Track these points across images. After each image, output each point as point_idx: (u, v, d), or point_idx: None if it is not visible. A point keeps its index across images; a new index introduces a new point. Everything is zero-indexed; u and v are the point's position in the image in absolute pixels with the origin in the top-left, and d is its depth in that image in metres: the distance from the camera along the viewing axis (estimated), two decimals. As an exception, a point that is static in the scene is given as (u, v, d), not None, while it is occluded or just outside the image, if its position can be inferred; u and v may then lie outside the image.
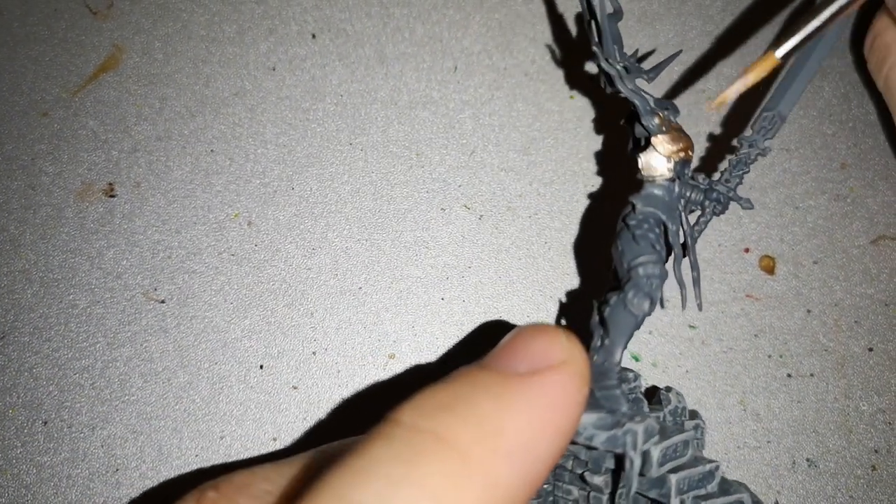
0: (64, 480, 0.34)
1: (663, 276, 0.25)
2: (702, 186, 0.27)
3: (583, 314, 0.35)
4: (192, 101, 0.38)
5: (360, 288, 0.36)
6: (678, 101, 0.38)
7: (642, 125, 0.26)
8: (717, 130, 0.37)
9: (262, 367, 0.35)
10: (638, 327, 0.25)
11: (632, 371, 0.28)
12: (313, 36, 0.39)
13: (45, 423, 0.34)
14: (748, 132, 0.27)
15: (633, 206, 0.26)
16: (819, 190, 0.37)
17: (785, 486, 0.34)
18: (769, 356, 0.35)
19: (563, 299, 0.36)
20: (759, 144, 0.27)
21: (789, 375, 0.35)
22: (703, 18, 0.39)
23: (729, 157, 0.28)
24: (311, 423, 0.35)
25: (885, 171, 0.37)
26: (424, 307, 0.35)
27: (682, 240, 0.27)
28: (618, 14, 0.29)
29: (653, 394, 0.29)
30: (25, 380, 0.35)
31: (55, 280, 0.36)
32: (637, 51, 0.29)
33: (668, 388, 0.29)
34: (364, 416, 0.35)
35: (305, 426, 0.34)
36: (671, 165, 0.26)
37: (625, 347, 0.25)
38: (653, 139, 0.26)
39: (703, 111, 0.38)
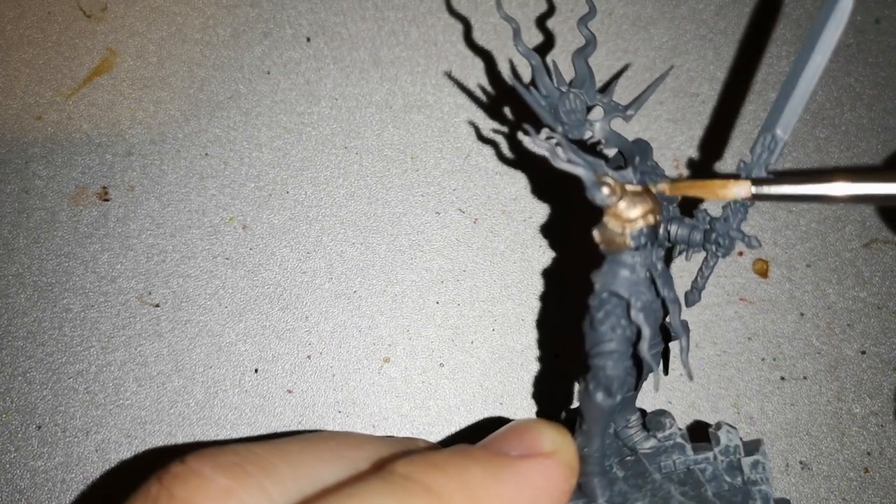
0: (58, 485, 0.34)
1: (620, 368, 0.24)
2: (701, 226, 0.24)
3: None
4: (187, 104, 0.38)
5: (355, 291, 0.36)
6: (672, 105, 0.38)
7: (588, 199, 0.23)
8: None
9: (256, 371, 0.35)
10: (612, 414, 0.24)
11: (668, 416, 0.27)
12: (308, 39, 0.38)
13: (39, 427, 0.34)
14: (748, 157, 0.24)
15: (593, 286, 0.24)
16: (812, 193, 0.37)
17: (778, 489, 0.34)
18: (763, 359, 0.35)
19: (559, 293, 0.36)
20: (759, 172, 0.24)
21: (783, 378, 0.35)
22: (697, 22, 0.39)
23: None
24: (306, 427, 0.35)
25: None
26: (419, 311, 0.35)
27: (665, 298, 0.24)
28: (589, 46, 0.26)
29: (703, 431, 0.28)
30: (19, 384, 0.35)
31: (49, 284, 0.36)
32: (610, 83, 0.27)
33: (718, 426, 0.27)
34: (359, 420, 0.35)
35: (300, 430, 0.34)
36: (630, 237, 0.23)
37: (603, 435, 0.25)
38: (605, 212, 0.23)
39: (696, 115, 0.38)
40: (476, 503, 0.20)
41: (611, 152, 0.27)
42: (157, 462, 0.31)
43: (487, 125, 0.38)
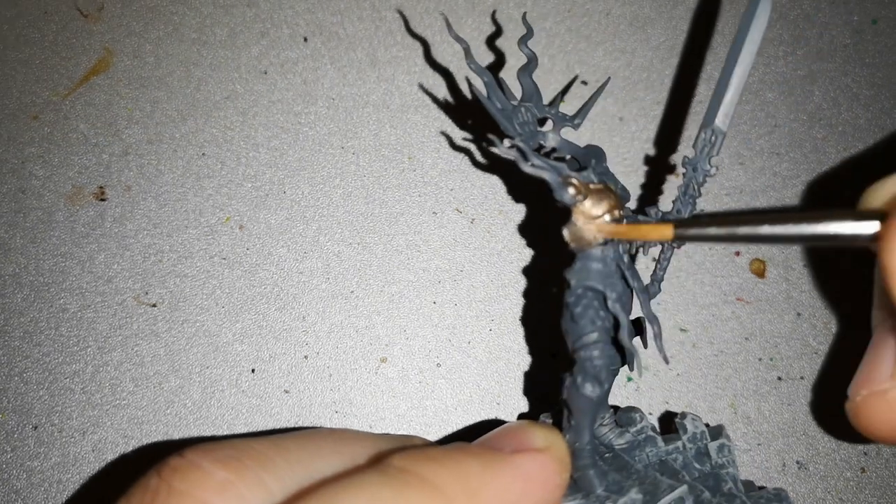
0: (54, 485, 0.34)
1: (605, 356, 0.25)
2: (654, 221, 0.26)
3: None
4: (184, 104, 0.38)
5: (352, 291, 0.36)
6: (669, 105, 0.38)
7: (555, 200, 0.24)
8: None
9: (253, 371, 0.35)
10: (599, 406, 0.25)
11: (637, 411, 0.29)
12: (305, 39, 0.38)
13: (36, 427, 0.34)
14: (691, 153, 0.26)
15: (568, 283, 0.25)
16: (810, 193, 0.37)
17: (775, 489, 0.34)
18: (760, 359, 0.35)
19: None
20: (703, 165, 0.26)
21: (780, 378, 0.35)
22: (694, 22, 0.39)
23: (677, 183, 0.27)
24: (303, 427, 0.34)
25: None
26: (416, 311, 0.35)
27: (633, 293, 0.26)
28: (531, 63, 0.28)
29: (671, 422, 0.29)
30: (16, 384, 0.35)
31: (46, 284, 0.36)
32: (557, 97, 0.29)
33: (684, 415, 0.29)
34: (356, 420, 0.35)
35: (297, 429, 0.34)
36: (598, 231, 0.24)
37: (591, 428, 0.25)
38: (572, 211, 0.24)
39: (693, 115, 0.38)
40: (472, 494, 0.20)
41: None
42: (154, 462, 0.31)
43: (485, 125, 0.38)
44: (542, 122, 0.28)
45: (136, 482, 0.21)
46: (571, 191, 0.24)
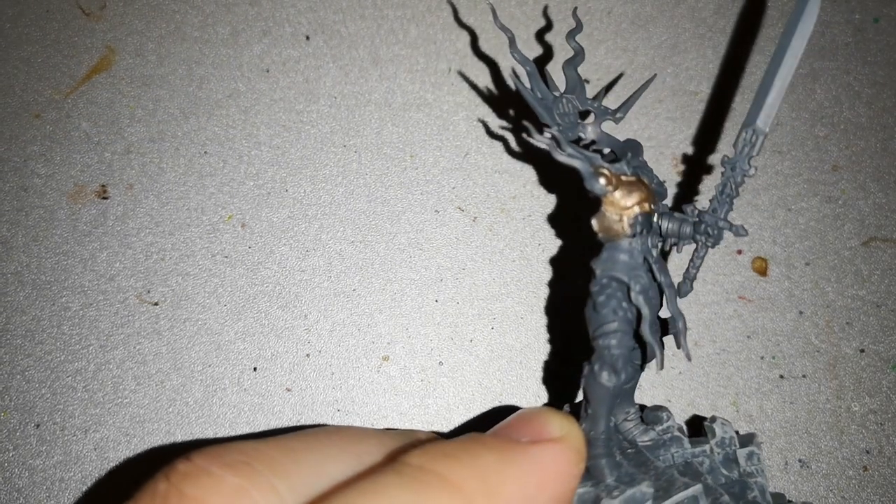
0: (56, 484, 0.34)
1: (624, 346, 0.25)
2: (690, 219, 0.25)
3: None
4: (186, 102, 0.38)
5: (354, 290, 0.36)
6: (671, 103, 0.38)
7: (586, 190, 0.24)
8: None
9: (255, 369, 0.35)
10: (616, 396, 0.25)
11: (665, 410, 0.28)
12: (307, 38, 0.38)
13: (38, 425, 0.34)
14: (731, 153, 0.26)
15: (594, 272, 0.25)
16: (811, 192, 0.37)
17: (777, 487, 0.34)
18: (762, 357, 0.35)
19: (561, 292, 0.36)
20: (742, 165, 0.25)
21: (781, 377, 0.35)
22: (696, 21, 0.39)
23: (715, 182, 0.27)
24: (305, 426, 0.34)
25: (877, 173, 0.37)
26: (418, 309, 0.35)
27: (661, 288, 0.25)
28: (578, 57, 0.28)
29: (699, 425, 0.29)
30: (18, 382, 0.35)
31: (48, 282, 0.36)
32: (602, 92, 0.29)
33: (713, 419, 0.28)
34: (358, 418, 0.35)
35: (299, 428, 0.34)
36: (627, 223, 0.24)
37: (608, 417, 0.25)
38: (602, 201, 0.24)
39: (694, 113, 0.38)
40: (490, 489, 0.20)
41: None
42: (156, 461, 0.31)
43: (487, 123, 0.38)
44: (583, 115, 0.28)
45: (142, 485, 0.20)
46: (602, 181, 0.24)
